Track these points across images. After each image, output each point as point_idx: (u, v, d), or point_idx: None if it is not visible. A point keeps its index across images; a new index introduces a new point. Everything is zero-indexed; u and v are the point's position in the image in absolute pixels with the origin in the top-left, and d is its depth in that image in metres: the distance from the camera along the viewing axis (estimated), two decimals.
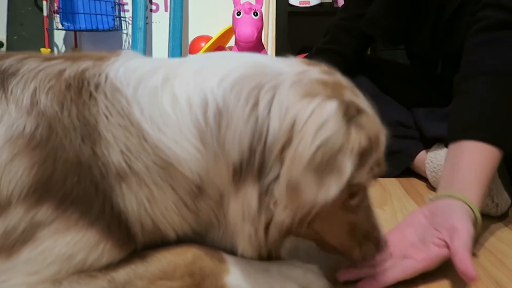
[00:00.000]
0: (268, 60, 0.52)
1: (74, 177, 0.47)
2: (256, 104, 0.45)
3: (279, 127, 0.44)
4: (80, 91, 0.50)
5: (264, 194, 0.45)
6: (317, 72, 0.50)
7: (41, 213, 0.46)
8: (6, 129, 0.47)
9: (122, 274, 0.50)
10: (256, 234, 0.47)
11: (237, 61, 0.51)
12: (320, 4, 2.25)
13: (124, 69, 0.52)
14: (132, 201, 0.49)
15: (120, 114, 0.49)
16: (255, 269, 0.54)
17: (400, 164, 1.06)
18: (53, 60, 0.53)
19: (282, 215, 0.45)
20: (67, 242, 0.47)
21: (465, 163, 0.68)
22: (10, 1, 2.50)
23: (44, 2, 2.37)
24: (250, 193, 0.45)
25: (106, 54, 0.56)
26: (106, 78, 0.51)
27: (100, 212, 0.48)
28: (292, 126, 0.44)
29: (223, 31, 2.35)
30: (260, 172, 0.45)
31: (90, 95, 0.50)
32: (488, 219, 0.81)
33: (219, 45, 2.37)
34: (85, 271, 0.48)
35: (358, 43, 1.20)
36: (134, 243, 0.51)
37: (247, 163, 0.45)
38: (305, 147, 0.43)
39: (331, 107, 0.45)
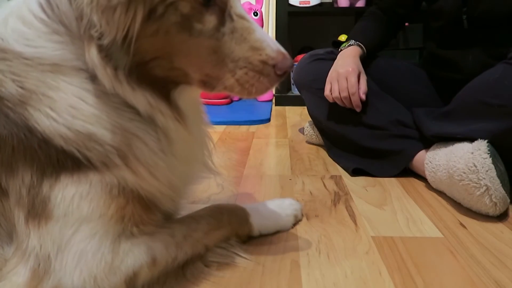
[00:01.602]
0: None
1: None
2: None
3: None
4: None
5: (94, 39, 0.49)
6: None
7: (25, 177, 0.50)
8: None
9: (181, 229, 0.61)
10: (112, 66, 0.50)
11: None
12: (320, 4, 2.24)
13: None
14: (41, 117, 0.50)
15: None
16: (261, 207, 0.76)
17: (399, 164, 1.06)
18: None
19: (106, 38, 0.48)
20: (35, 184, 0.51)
21: None
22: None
23: None
24: (92, 48, 0.49)
25: None
26: None
27: (28, 149, 0.50)
28: None
29: None
30: (88, 28, 0.49)
31: None
32: (488, 219, 0.82)
33: None
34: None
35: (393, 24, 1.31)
36: (78, 162, 0.51)
37: (83, 30, 0.49)
38: None
39: None
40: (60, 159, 0.51)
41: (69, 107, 0.51)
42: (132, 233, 0.55)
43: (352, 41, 1.21)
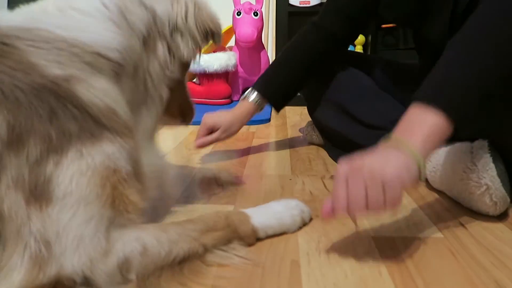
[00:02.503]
0: None
1: (32, 106, 0.52)
2: None
3: (165, 7, 0.70)
4: None
5: (170, 43, 0.71)
6: None
7: (32, 153, 0.51)
8: None
9: (175, 228, 0.62)
10: (169, 72, 0.71)
11: None
12: (320, 4, 2.25)
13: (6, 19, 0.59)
14: (83, 90, 0.57)
15: (45, 41, 0.57)
16: (264, 208, 0.75)
17: None
18: None
19: (186, 50, 0.73)
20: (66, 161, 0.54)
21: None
22: (10, 1, 2.50)
23: None
24: (160, 49, 0.70)
25: None
26: None
27: (47, 116, 0.53)
28: (172, 3, 0.72)
29: (223, 31, 2.34)
30: (163, 34, 0.70)
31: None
32: (488, 219, 0.82)
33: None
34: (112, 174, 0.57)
35: (349, 27, 1.19)
36: (103, 128, 0.57)
37: (152, 32, 0.68)
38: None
39: None
40: (82, 126, 0.55)
41: (102, 89, 0.59)
42: (121, 221, 0.58)
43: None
